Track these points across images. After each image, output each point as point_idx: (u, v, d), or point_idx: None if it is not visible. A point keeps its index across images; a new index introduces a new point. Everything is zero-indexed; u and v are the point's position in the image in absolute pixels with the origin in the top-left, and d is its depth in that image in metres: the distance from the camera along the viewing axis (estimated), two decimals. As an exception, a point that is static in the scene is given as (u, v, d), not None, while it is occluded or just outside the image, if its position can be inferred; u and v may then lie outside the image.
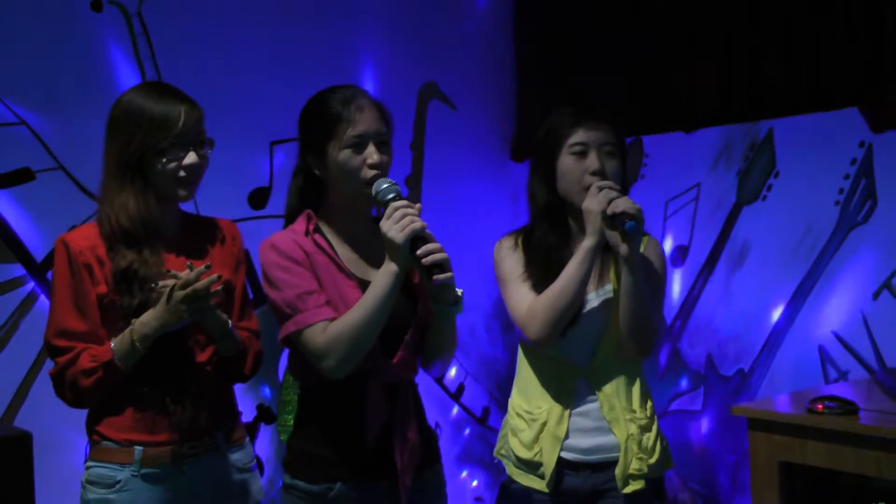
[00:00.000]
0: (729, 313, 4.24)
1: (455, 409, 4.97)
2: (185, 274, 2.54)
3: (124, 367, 2.56)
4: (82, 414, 2.80)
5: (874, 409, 3.00)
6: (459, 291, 2.53)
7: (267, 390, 4.28)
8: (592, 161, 2.79)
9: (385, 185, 2.47)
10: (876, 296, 3.77)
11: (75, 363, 2.58)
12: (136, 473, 2.65)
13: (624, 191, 2.78)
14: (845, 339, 3.85)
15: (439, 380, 4.82)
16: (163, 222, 2.69)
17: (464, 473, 4.99)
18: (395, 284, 2.43)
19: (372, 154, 2.51)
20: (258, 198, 4.33)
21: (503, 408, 5.04)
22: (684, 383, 4.40)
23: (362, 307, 2.43)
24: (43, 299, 3.77)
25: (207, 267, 2.54)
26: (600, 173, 2.78)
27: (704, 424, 4.33)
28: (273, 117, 4.34)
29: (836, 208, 3.88)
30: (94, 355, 2.57)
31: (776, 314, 4.06)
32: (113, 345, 2.57)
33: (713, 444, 4.30)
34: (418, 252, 2.39)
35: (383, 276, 2.43)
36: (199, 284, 2.52)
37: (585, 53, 4.82)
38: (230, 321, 2.68)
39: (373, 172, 2.51)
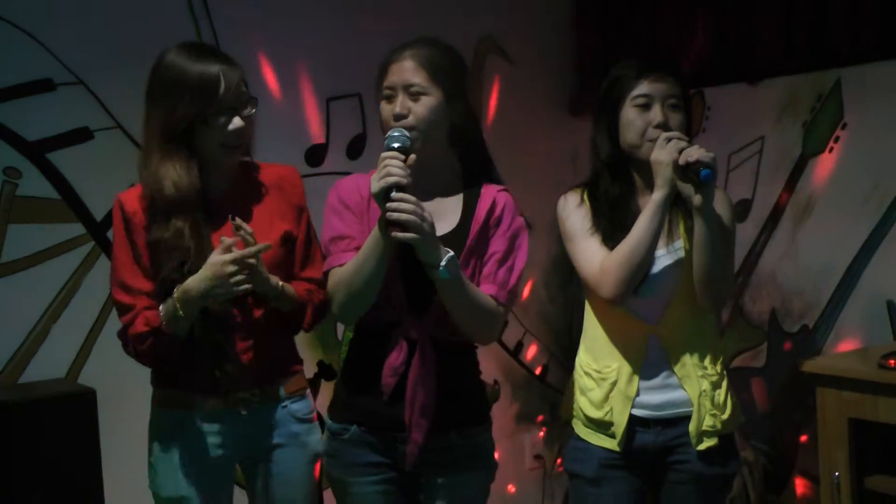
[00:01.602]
0: (793, 268, 4.16)
1: (514, 367, 4.94)
2: (230, 241, 2.55)
3: (173, 333, 2.59)
4: (144, 370, 2.83)
5: (947, 366, 2.94)
6: (445, 257, 2.47)
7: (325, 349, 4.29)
8: (656, 114, 2.76)
9: (393, 135, 2.51)
10: (946, 250, 3.69)
11: (133, 326, 2.63)
12: (196, 419, 2.71)
13: (690, 142, 2.73)
14: (915, 294, 3.77)
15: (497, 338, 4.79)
16: (212, 185, 2.69)
17: (523, 431, 4.97)
18: (378, 235, 2.45)
19: (396, 104, 2.56)
20: (315, 154, 4.31)
21: (562, 365, 5.02)
22: (747, 339, 4.34)
23: (357, 255, 2.51)
24: (104, 258, 3.78)
25: (245, 237, 2.57)
26: (664, 126, 2.75)
27: (767, 381, 4.27)
28: (330, 73, 4.32)
29: (905, 160, 3.79)
30: (148, 319, 2.61)
31: (842, 269, 3.98)
32: (162, 309, 2.60)
33: (776, 402, 4.24)
34: (387, 206, 2.39)
35: (375, 228, 2.47)
36: (243, 253, 2.54)
37: (646, 5, 4.73)
38: (280, 283, 2.68)
39: (394, 123, 2.56)
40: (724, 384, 2.86)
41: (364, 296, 2.53)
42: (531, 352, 5.00)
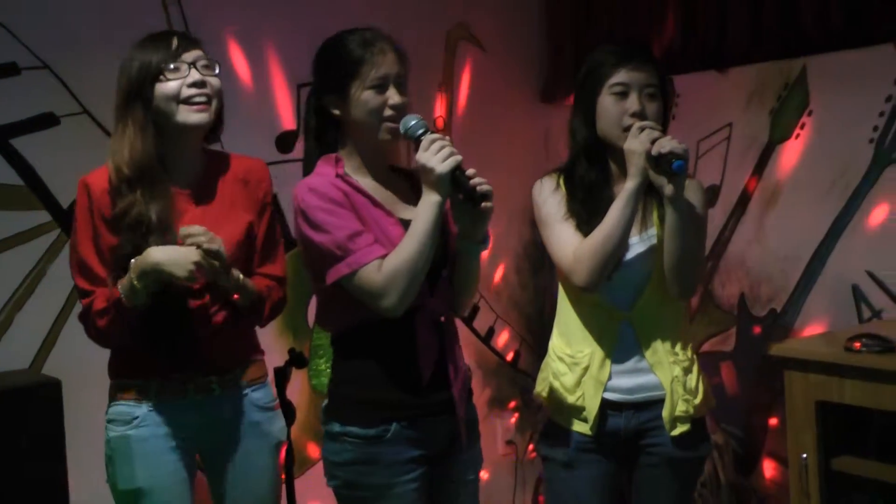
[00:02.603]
0: (761, 253, 4.19)
1: (485, 353, 4.95)
2: (196, 232, 2.55)
3: (132, 305, 2.57)
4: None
5: (912, 347, 2.97)
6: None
7: (295, 335, 4.28)
8: (633, 102, 2.78)
9: (414, 121, 2.51)
10: (911, 234, 3.72)
11: (93, 305, 2.62)
12: (152, 409, 2.70)
13: (664, 132, 2.75)
14: (879, 278, 3.80)
15: (469, 323, 4.80)
16: (176, 164, 2.69)
17: (494, 417, 4.99)
18: (439, 215, 2.45)
19: (393, 95, 2.55)
20: (285, 141, 4.30)
21: (534, 351, 5.04)
22: (716, 324, 4.37)
23: (413, 240, 2.45)
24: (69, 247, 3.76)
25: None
26: (640, 115, 2.76)
27: (736, 365, 4.30)
28: (300, 59, 4.29)
29: (870, 146, 3.80)
30: (107, 295, 2.60)
31: (809, 253, 4.00)
32: (120, 283, 2.58)
33: (745, 385, 4.27)
34: (472, 181, 2.42)
35: (427, 207, 2.45)
36: (210, 262, 2.56)
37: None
38: (240, 276, 2.69)
39: (392, 113, 2.55)
40: (696, 369, 2.90)
41: (422, 280, 2.49)
42: (503, 338, 5.02)
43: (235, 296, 2.70)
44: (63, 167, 3.69)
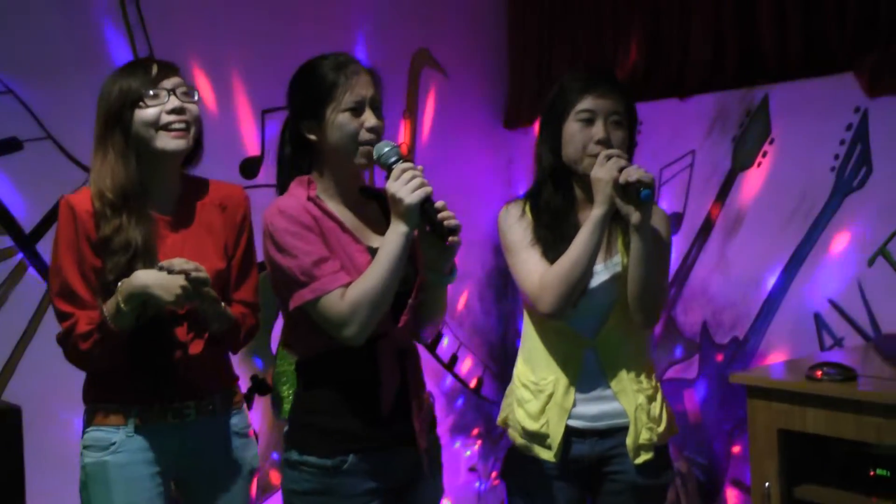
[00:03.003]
0: (724, 281, 4.22)
1: (448, 380, 4.95)
2: (179, 263, 2.55)
3: (117, 329, 2.56)
4: (74, 386, 2.80)
5: (873, 376, 2.98)
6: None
7: (259, 362, 4.25)
8: (599, 130, 2.78)
9: (387, 149, 2.49)
10: (871, 262, 3.75)
11: (76, 327, 2.60)
12: (130, 434, 2.68)
13: (630, 160, 2.77)
14: (841, 306, 3.83)
15: (432, 350, 4.80)
16: (156, 189, 2.69)
17: (457, 444, 4.98)
18: (406, 245, 2.44)
19: (369, 118, 2.53)
20: (250, 167, 4.29)
21: (497, 378, 5.03)
22: (679, 351, 4.39)
23: (378, 269, 2.43)
24: (32, 271, 3.73)
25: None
26: (605, 142, 2.77)
27: (699, 392, 4.32)
28: (265, 86, 4.30)
29: (831, 174, 3.85)
30: (91, 318, 2.58)
31: (771, 281, 4.04)
32: (106, 306, 2.57)
33: (708, 413, 4.29)
34: (440, 215, 2.41)
35: (394, 237, 2.44)
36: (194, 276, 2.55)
37: (578, 19, 4.78)
38: (220, 303, 2.69)
39: (369, 136, 2.53)
40: (659, 397, 2.91)
41: (385, 310, 2.47)
42: (466, 365, 5.02)
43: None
44: (26, 192, 3.67)
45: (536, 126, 2.76)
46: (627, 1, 4.56)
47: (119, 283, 2.56)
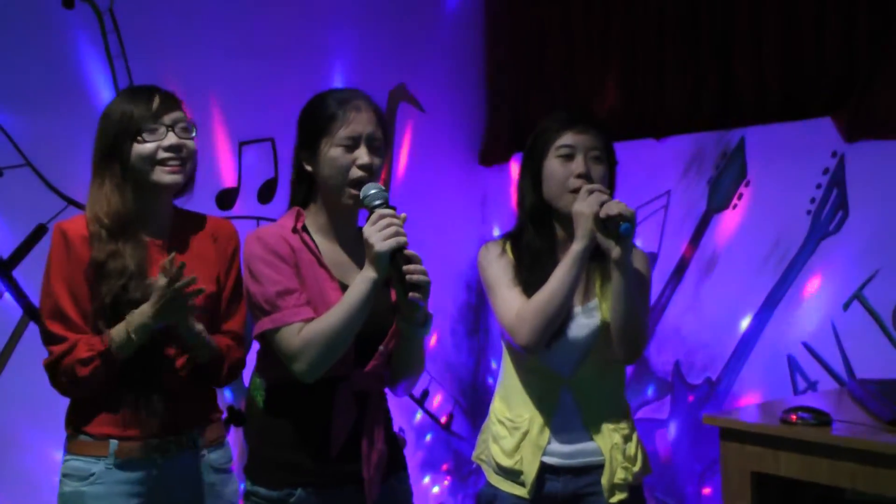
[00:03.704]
0: (697, 321, 4.23)
1: (419, 415, 4.93)
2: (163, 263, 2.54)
3: (119, 358, 2.56)
4: (47, 413, 2.78)
5: (848, 421, 2.98)
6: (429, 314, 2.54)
7: (228, 392, 4.22)
8: (578, 164, 2.79)
9: (374, 191, 2.48)
10: (846, 306, 3.76)
11: (72, 352, 2.58)
12: (109, 466, 2.66)
13: (611, 196, 2.77)
14: (815, 350, 3.84)
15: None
16: (150, 217, 2.70)
17: (426, 479, 4.96)
18: (372, 291, 2.42)
19: (362, 155, 2.53)
20: (226, 198, 4.27)
21: (467, 414, 5.02)
22: (651, 391, 4.39)
23: (338, 311, 2.42)
24: (6, 298, 3.70)
25: (183, 265, 2.52)
26: (586, 177, 2.78)
27: (671, 433, 4.31)
28: (242, 117, 4.30)
29: (807, 218, 3.87)
30: (91, 344, 2.57)
31: (745, 323, 4.05)
32: (112, 334, 2.56)
33: (680, 453, 4.28)
34: (405, 268, 2.38)
35: (361, 282, 2.43)
36: (176, 279, 2.52)
37: (555, 59, 4.81)
38: (204, 332, 2.66)
39: (360, 173, 2.53)
40: (635, 437, 2.91)
41: (341, 352, 2.45)
42: (437, 400, 5.00)
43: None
44: (3, 219, 3.65)
45: (512, 164, 2.77)
46: (603, 42, 4.59)
47: (129, 315, 2.56)
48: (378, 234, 2.38)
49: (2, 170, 3.71)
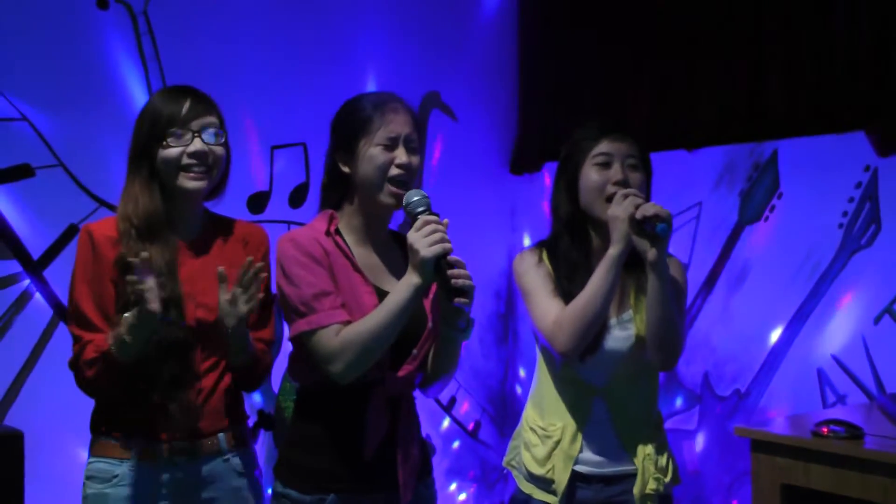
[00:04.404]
0: (727, 333, 4.23)
1: (446, 422, 4.94)
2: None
3: (121, 358, 2.53)
4: (75, 413, 2.79)
5: (880, 435, 2.98)
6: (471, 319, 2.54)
7: (259, 396, 4.24)
8: (616, 172, 2.80)
9: (417, 198, 2.48)
10: (877, 320, 3.76)
11: (82, 354, 2.58)
12: (133, 469, 2.64)
13: (647, 200, 2.77)
14: (845, 364, 3.84)
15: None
16: (179, 219, 2.69)
17: (452, 486, 4.96)
18: (415, 297, 2.42)
19: (401, 155, 2.54)
20: (257, 202, 4.30)
21: (495, 422, 5.03)
22: (679, 402, 4.39)
23: (379, 315, 2.42)
24: (38, 297, 3.73)
25: (146, 256, 2.50)
26: (623, 184, 2.78)
27: (699, 444, 4.31)
28: (274, 122, 4.32)
29: (839, 231, 3.87)
30: (97, 346, 2.56)
31: (775, 335, 4.05)
32: (111, 335, 2.54)
33: (708, 465, 4.28)
34: (450, 273, 2.38)
35: (404, 288, 2.43)
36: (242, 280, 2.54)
37: (588, 69, 4.82)
38: (248, 334, 2.67)
39: (399, 171, 2.54)
40: (667, 448, 2.90)
41: (378, 355, 2.45)
42: (464, 407, 5.00)
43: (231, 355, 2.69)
44: (36, 219, 3.69)
45: (544, 174, 2.78)
46: (636, 53, 4.59)
47: (124, 315, 2.52)
48: (423, 239, 2.38)
49: (35, 170, 3.75)
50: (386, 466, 2.54)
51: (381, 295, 2.51)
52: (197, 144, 2.64)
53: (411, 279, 2.42)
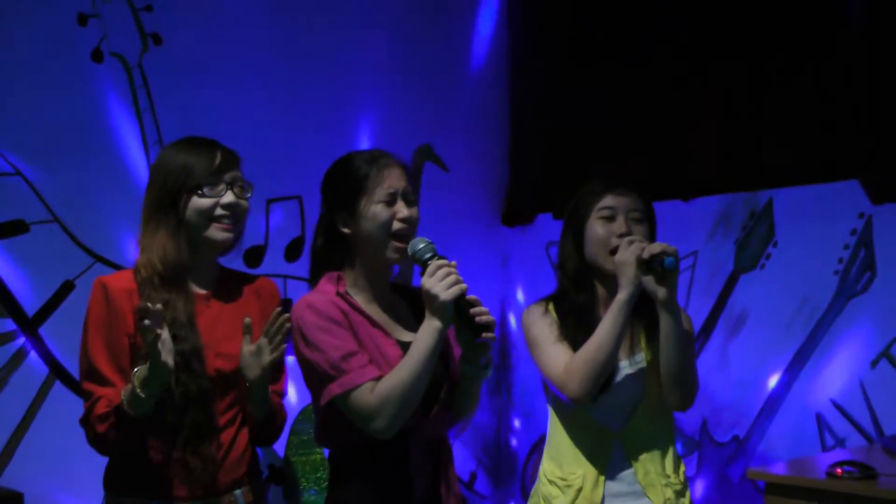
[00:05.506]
0: (725, 380, 4.24)
1: (440, 475, 4.90)
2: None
3: (134, 413, 2.48)
4: (73, 472, 2.73)
5: (891, 474, 3.00)
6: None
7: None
8: (620, 225, 2.85)
9: (422, 245, 2.50)
10: (874, 364, 3.80)
11: (94, 409, 2.54)
12: None
13: None
14: (843, 407, 3.86)
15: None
16: (197, 270, 2.67)
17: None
18: (440, 341, 2.43)
19: (402, 209, 2.56)
20: (254, 256, 4.28)
21: (489, 473, 5.00)
22: (678, 448, 4.37)
23: (409, 364, 2.43)
24: (33, 356, 3.68)
25: (160, 308, 2.46)
26: (627, 236, 2.81)
27: (698, 490, 4.31)
28: (270, 175, 4.31)
29: (834, 278, 3.91)
30: (109, 400, 2.52)
31: (773, 381, 4.07)
32: (124, 389, 2.50)
33: (708, 511, 4.28)
34: (472, 311, 2.40)
35: (428, 333, 2.43)
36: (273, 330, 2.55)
37: (581, 120, 4.86)
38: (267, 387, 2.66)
39: (402, 225, 2.55)
40: (687, 493, 2.91)
41: (415, 404, 2.46)
42: (459, 459, 4.96)
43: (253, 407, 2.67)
44: (30, 275, 3.65)
45: (535, 225, 2.81)
46: (630, 104, 4.64)
47: (134, 370, 2.49)
48: (440, 284, 2.40)
49: (29, 225, 3.72)
50: None
51: (402, 346, 2.52)
52: (229, 196, 2.65)
53: (433, 324, 2.43)
